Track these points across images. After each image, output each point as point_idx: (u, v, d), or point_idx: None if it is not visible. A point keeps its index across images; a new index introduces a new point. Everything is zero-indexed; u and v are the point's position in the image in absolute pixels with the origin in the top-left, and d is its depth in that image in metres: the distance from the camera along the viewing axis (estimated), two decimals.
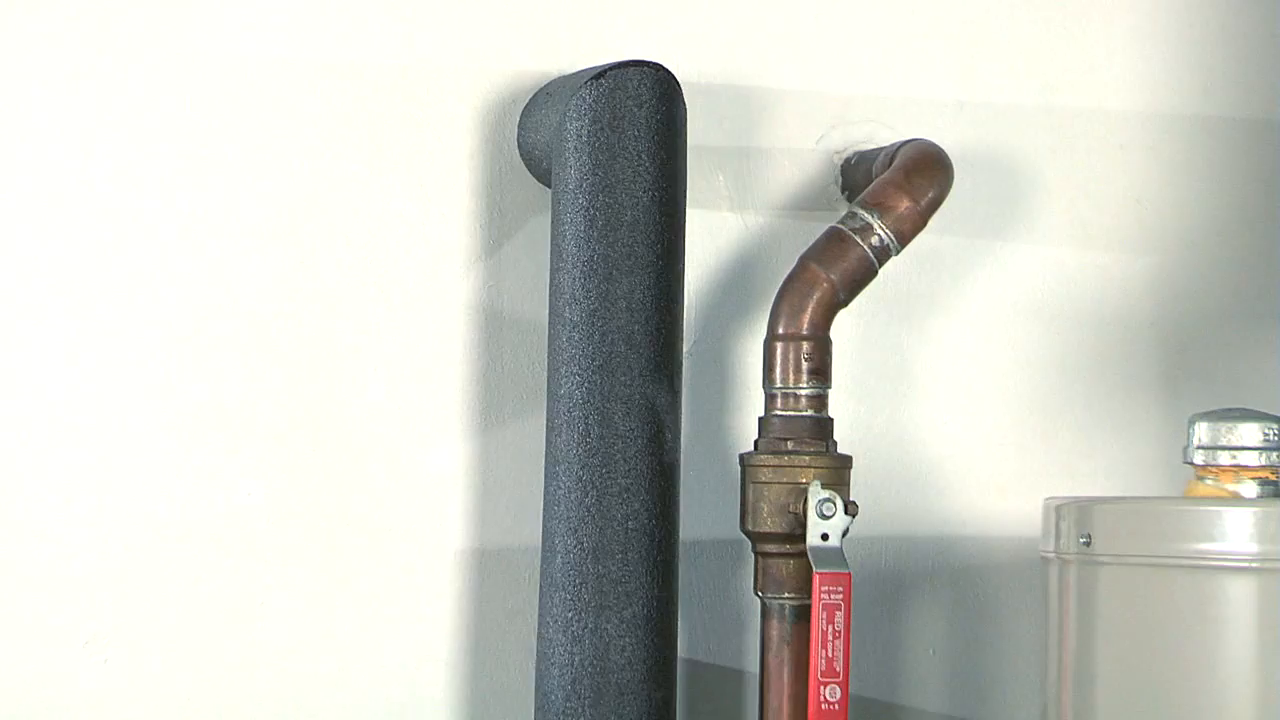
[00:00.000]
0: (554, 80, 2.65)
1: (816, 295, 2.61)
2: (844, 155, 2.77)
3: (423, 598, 2.68)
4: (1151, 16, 2.89)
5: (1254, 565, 2.25)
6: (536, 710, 2.56)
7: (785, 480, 2.59)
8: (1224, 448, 2.34)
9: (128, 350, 2.62)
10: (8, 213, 2.58)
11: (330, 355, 2.66)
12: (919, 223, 2.65)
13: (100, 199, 2.60)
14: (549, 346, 2.58)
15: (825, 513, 2.54)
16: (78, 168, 2.59)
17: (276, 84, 2.64)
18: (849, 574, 2.53)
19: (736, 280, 2.76)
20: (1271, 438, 2.33)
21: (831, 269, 2.61)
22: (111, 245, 2.62)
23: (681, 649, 2.62)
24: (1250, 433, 2.33)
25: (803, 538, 2.56)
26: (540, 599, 2.57)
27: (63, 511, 2.58)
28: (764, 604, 2.62)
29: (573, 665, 2.52)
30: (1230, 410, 2.35)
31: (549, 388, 2.57)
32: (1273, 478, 2.33)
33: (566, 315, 2.55)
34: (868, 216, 2.62)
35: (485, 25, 2.69)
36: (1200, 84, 2.90)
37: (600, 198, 2.54)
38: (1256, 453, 2.33)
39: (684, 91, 2.58)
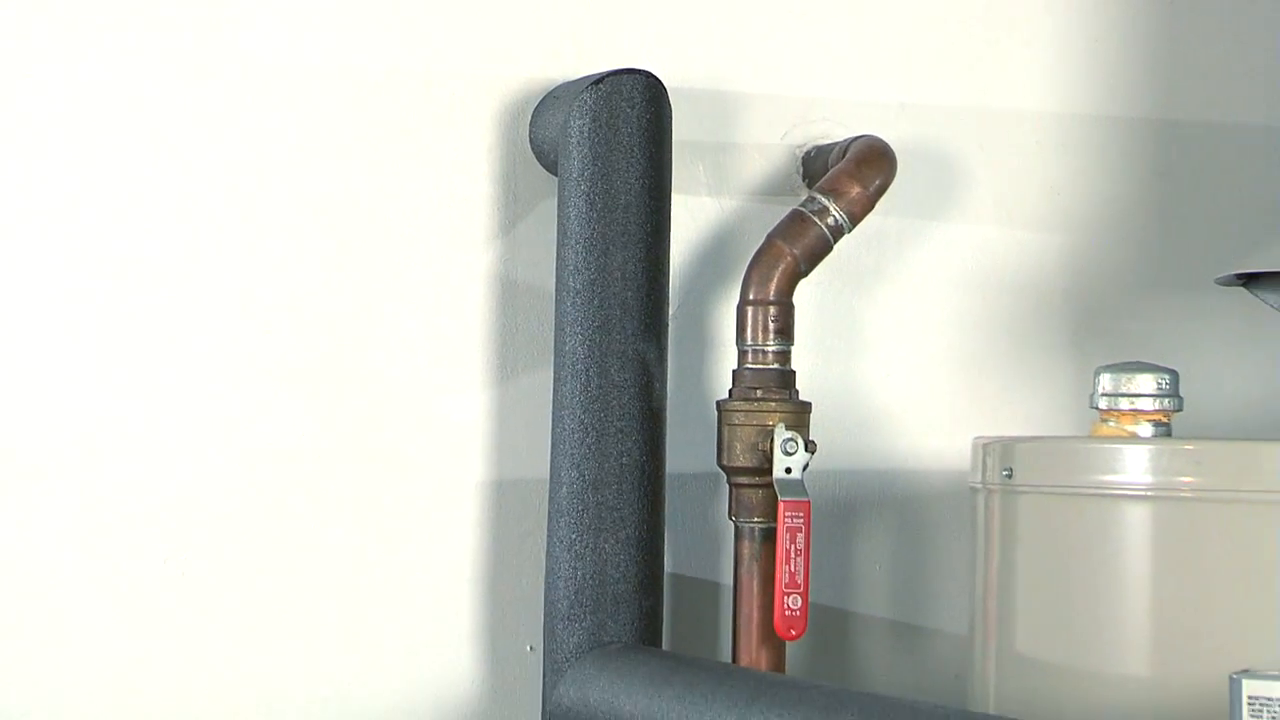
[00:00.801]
0: (559, 85, 2.66)
1: (781, 267, 2.64)
2: (804, 149, 2.78)
3: (448, 523, 2.69)
4: (1064, 29, 2.89)
5: (1149, 494, 2.27)
6: (545, 616, 2.58)
7: (755, 423, 2.62)
8: (1124, 395, 2.35)
9: (205, 312, 2.60)
10: (77, 190, 2.54)
11: (370, 318, 2.66)
12: (868, 206, 2.67)
13: (178, 175, 2.58)
14: (556, 310, 2.59)
15: (789, 450, 2.58)
16: (149, 143, 2.57)
17: (326, 90, 2.63)
18: (808, 501, 2.57)
19: (713, 254, 2.77)
20: (1164, 386, 2.35)
21: (794, 245, 2.64)
22: (181, 213, 2.59)
23: (667, 565, 2.64)
24: (1146, 382, 2.35)
25: (769, 471, 2.60)
26: (549, 523, 2.59)
27: (146, 448, 2.57)
28: (737, 527, 2.65)
29: (576, 578, 2.55)
30: (1129, 363, 2.37)
31: (556, 345, 2.58)
32: (1165, 420, 2.35)
33: (570, 284, 2.57)
34: (824, 200, 2.65)
35: (501, 39, 2.69)
36: (1105, 88, 2.90)
37: (599, 184, 2.56)
38: (1151, 399, 2.35)
39: (669, 95, 2.59)
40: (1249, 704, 2.04)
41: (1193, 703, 2.18)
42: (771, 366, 2.64)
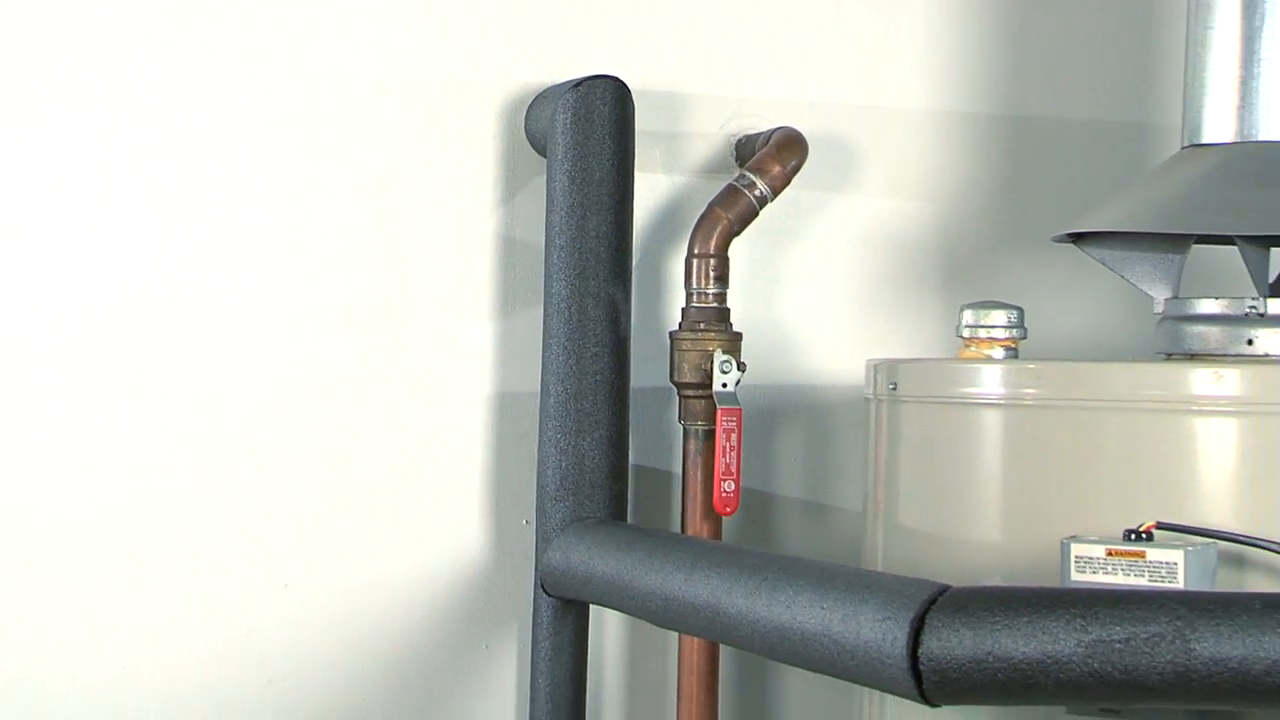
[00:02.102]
0: (548, 88, 2.66)
1: (719, 228, 2.66)
2: (737, 137, 2.78)
3: (463, 425, 2.69)
4: (937, 44, 2.89)
5: (1001, 403, 2.28)
6: (537, 497, 2.60)
7: (699, 349, 2.65)
8: (981, 326, 2.35)
9: (273, 267, 2.59)
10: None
11: (403, 267, 2.65)
12: (786, 181, 2.70)
13: (213, 159, 2.56)
14: (545, 261, 2.60)
15: (724, 370, 2.62)
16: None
17: (371, 91, 2.63)
18: (740, 409, 2.62)
19: (666, 219, 2.77)
20: (1012, 320, 2.36)
21: (729, 211, 2.67)
22: (262, 188, 2.59)
23: (631, 458, 2.65)
24: (999, 317, 2.35)
25: (710, 386, 2.63)
26: (540, 425, 2.60)
27: (237, 381, 2.56)
28: (685, 429, 2.68)
29: (561, 468, 2.57)
30: (986, 302, 2.37)
31: (545, 287, 2.60)
32: (1013, 346, 2.35)
33: (556, 241, 2.58)
34: (753, 177, 2.68)
35: (503, 53, 2.69)
36: (968, 89, 2.90)
37: (578, 165, 2.57)
38: (1003, 330, 2.35)
39: (633, 95, 2.60)
40: (1075, 562, 2.07)
41: (1034, 561, 2.18)
42: (711, 305, 2.67)
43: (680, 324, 2.69)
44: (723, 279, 2.67)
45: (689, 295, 2.68)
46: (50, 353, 2.51)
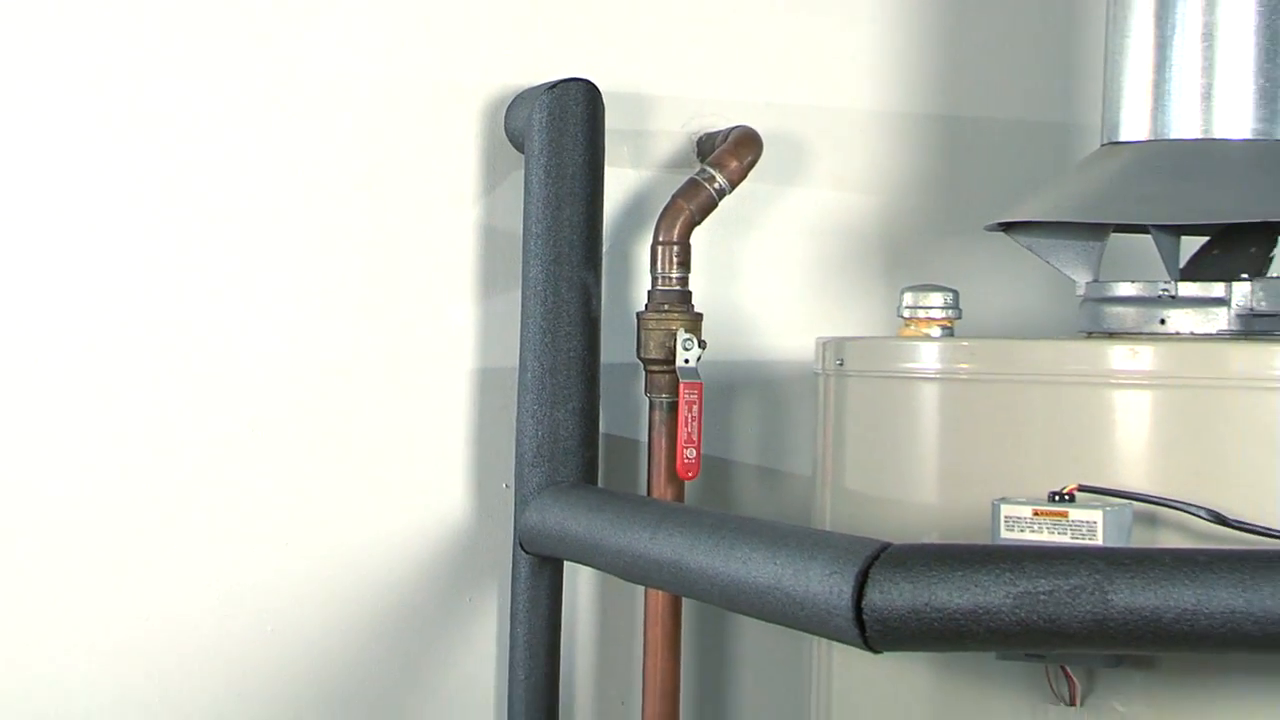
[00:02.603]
0: (526, 89, 2.65)
1: (682, 218, 2.66)
2: (698, 135, 2.77)
3: (449, 398, 2.68)
4: (879, 49, 2.87)
5: (937, 377, 2.28)
6: (516, 463, 2.60)
7: (664, 328, 2.65)
8: (920, 307, 2.35)
9: (281, 250, 2.59)
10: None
11: (395, 252, 2.65)
12: (743, 175, 2.70)
13: (221, 150, 2.56)
14: (523, 247, 2.59)
15: (687, 347, 2.63)
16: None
17: (366, 93, 2.63)
18: (700, 384, 2.63)
19: (634, 209, 2.76)
20: (949, 302, 2.35)
21: (691, 202, 2.67)
22: (231, 169, 2.58)
23: (602, 427, 2.65)
24: (936, 299, 2.35)
25: (674, 362, 2.64)
26: (518, 398, 2.60)
27: (241, 356, 2.56)
28: (650, 401, 2.69)
29: (538, 436, 2.57)
30: (924, 285, 2.37)
31: (523, 272, 2.59)
32: (949, 325, 2.35)
33: (533, 229, 2.58)
34: (712, 171, 2.67)
35: (486, 59, 2.67)
36: (907, 91, 2.89)
37: (553, 159, 2.56)
38: (940, 310, 2.34)
39: (603, 96, 2.59)
40: (1004, 521, 2.07)
41: (967, 521, 2.18)
42: (675, 288, 2.67)
43: (646, 305, 2.69)
44: (685, 264, 2.67)
45: (654, 279, 2.68)
46: (70, 331, 2.51)
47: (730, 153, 2.70)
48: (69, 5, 2.47)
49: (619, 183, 2.72)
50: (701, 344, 2.64)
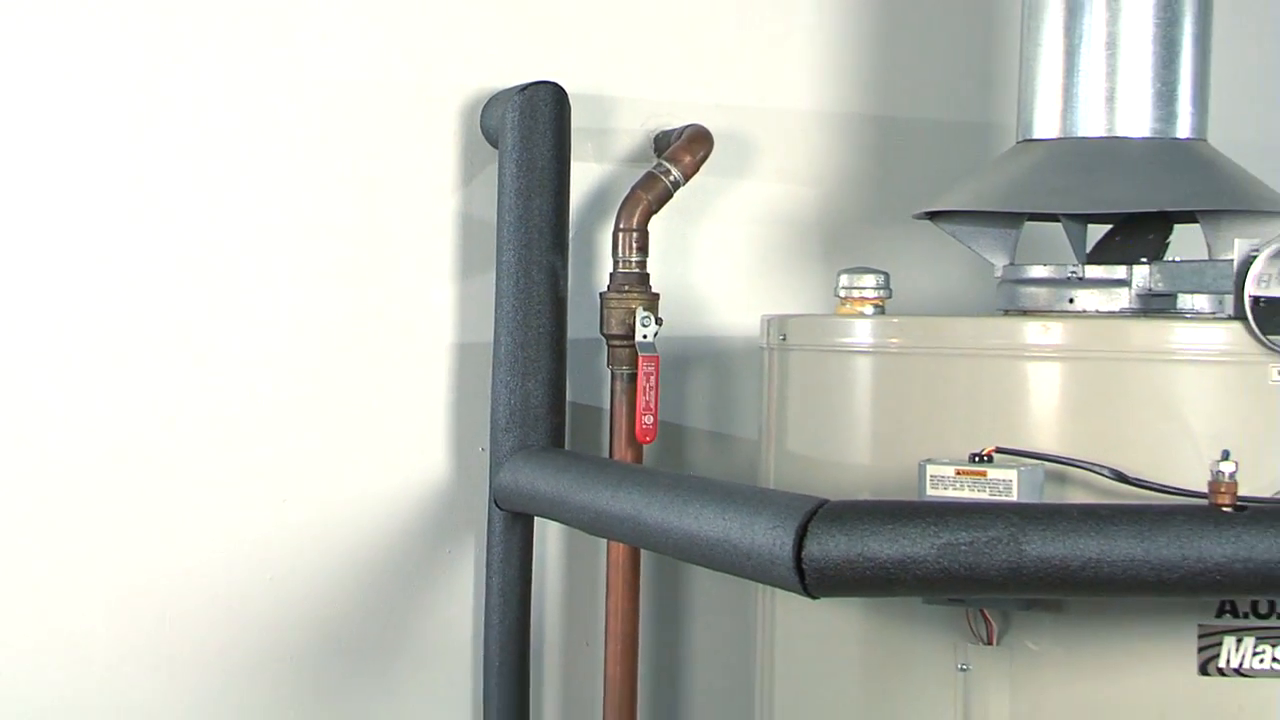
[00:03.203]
0: (500, 91, 2.64)
1: (640, 207, 2.66)
2: (655, 132, 2.76)
3: (430, 369, 2.67)
4: (820, 56, 2.85)
5: (870, 350, 2.29)
6: (491, 428, 2.60)
7: (624, 306, 2.64)
8: (855, 288, 2.35)
9: (278, 237, 2.58)
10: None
11: (381, 238, 2.63)
12: (695, 169, 2.69)
13: (223, 145, 2.55)
14: (497, 233, 2.59)
15: (645, 324, 2.62)
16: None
17: (343, 96, 2.61)
18: (657, 356, 2.63)
19: (598, 199, 2.75)
20: (880, 283, 2.35)
21: (649, 193, 2.66)
22: (235, 166, 2.57)
23: (569, 396, 2.64)
24: (869, 280, 2.35)
25: (633, 337, 2.63)
26: (492, 370, 2.59)
27: (234, 336, 2.55)
28: (612, 373, 2.68)
29: (510, 404, 2.56)
30: (859, 267, 2.37)
31: (497, 256, 2.59)
32: (881, 304, 2.35)
33: (506, 217, 2.57)
34: (668, 165, 2.67)
35: (465, 63, 2.67)
36: (844, 92, 2.87)
37: (524, 155, 2.55)
38: (872, 290, 2.35)
39: (570, 97, 2.58)
40: (930, 480, 2.09)
41: (897, 480, 2.18)
42: (634, 271, 2.67)
43: (608, 286, 2.68)
44: (644, 249, 2.67)
45: (615, 262, 2.67)
46: (93, 309, 2.51)
47: (684, 149, 2.69)
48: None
49: (584, 175, 2.71)
50: (658, 321, 2.64)
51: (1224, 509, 1.98)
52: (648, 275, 2.67)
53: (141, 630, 2.55)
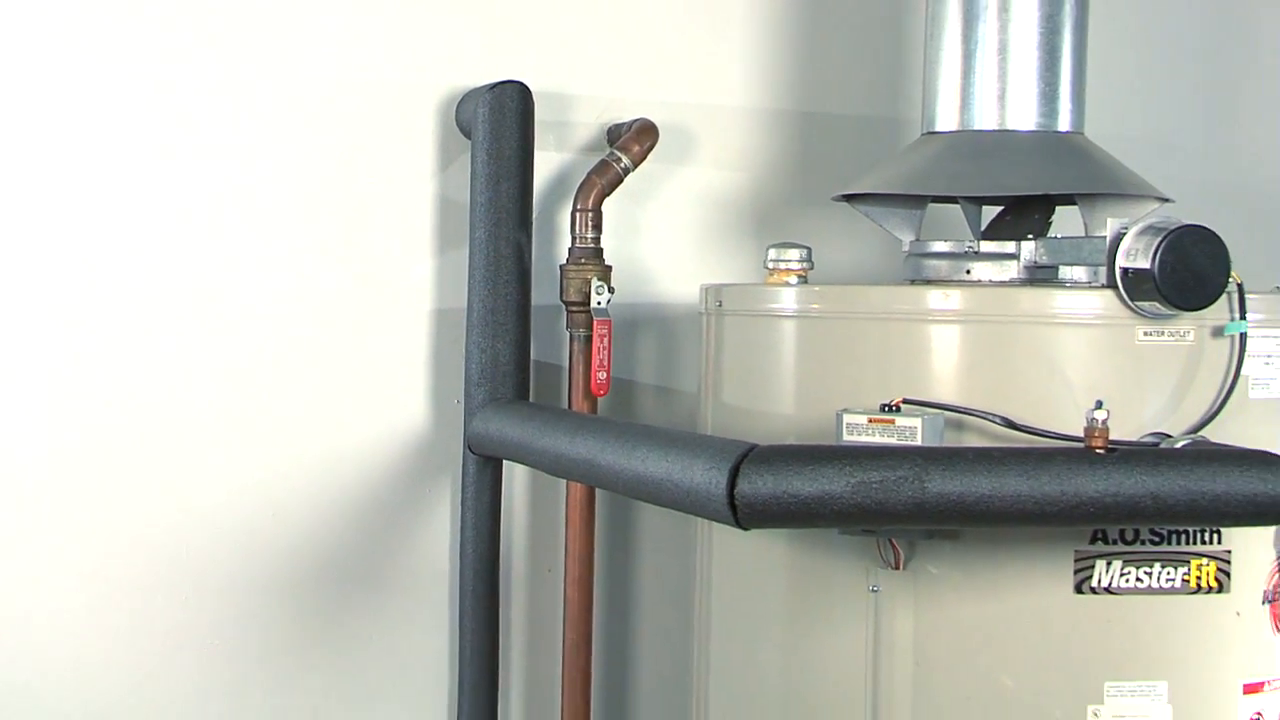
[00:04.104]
0: (472, 89, 2.62)
1: (595, 190, 2.65)
2: (608, 125, 2.74)
3: (412, 335, 2.65)
4: (752, 58, 2.84)
5: (795, 315, 2.29)
6: (465, 383, 2.58)
7: (581, 277, 2.63)
8: (781, 260, 2.33)
9: (270, 215, 2.57)
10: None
11: (365, 219, 2.61)
12: (643, 157, 2.68)
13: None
14: (470, 213, 2.57)
15: (599, 292, 2.61)
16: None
17: (332, 94, 2.59)
18: (610, 320, 2.62)
19: (558, 184, 2.73)
20: (804, 257, 2.33)
21: (602, 178, 2.65)
22: (238, 154, 2.55)
23: (533, 355, 2.63)
24: (794, 254, 2.33)
25: (589, 304, 2.62)
26: (466, 332, 2.58)
27: (235, 307, 2.54)
28: (570, 335, 2.66)
29: (482, 362, 2.55)
30: (785, 243, 2.35)
31: (470, 233, 2.57)
32: (804, 275, 2.33)
33: (478, 199, 2.55)
34: (619, 154, 2.66)
35: (439, 63, 2.65)
36: (773, 90, 2.85)
37: (493, 145, 2.54)
38: (796, 263, 2.32)
39: (533, 94, 2.57)
40: (846, 427, 2.09)
41: (817, 427, 2.17)
42: (590, 246, 2.65)
43: (567, 259, 2.66)
44: (598, 227, 2.66)
45: (573, 239, 2.65)
46: (117, 282, 2.50)
47: (633, 139, 2.68)
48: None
49: (545, 163, 2.69)
50: (610, 290, 2.63)
51: (1097, 451, 2.00)
52: (601, 250, 2.65)
53: (166, 561, 2.54)
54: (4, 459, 2.44)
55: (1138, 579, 2.12)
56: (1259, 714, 2.17)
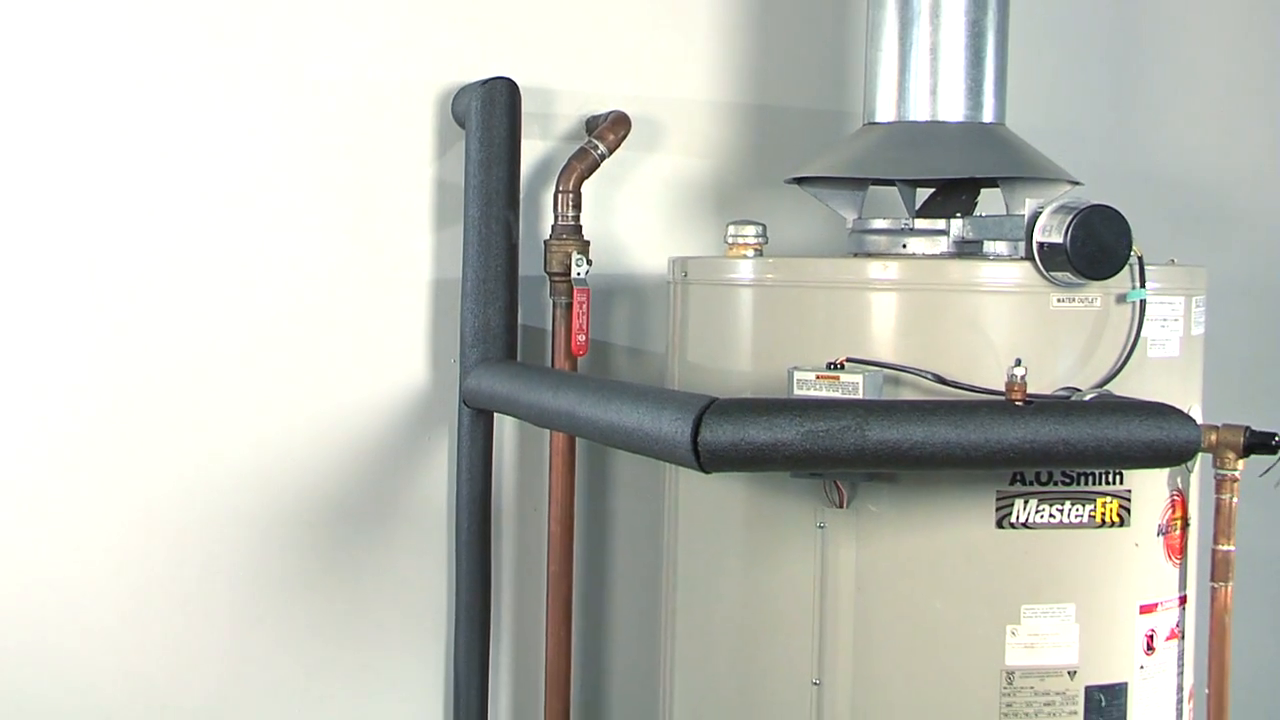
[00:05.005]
0: (466, 84, 2.61)
1: (575, 174, 2.63)
2: (586, 117, 2.73)
3: (413, 299, 2.63)
4: (713, 57, 2.82)
5: (752, 284, 2.27)
6: (460, 344, 2.57)
7: (563, 250, 2.62)
8: (740, 235, 2.32)
9: (285, 200, 2.56)
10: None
11: (371, 200, 2.60)
12: (617, 145, 2.66)
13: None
14: (464, 194, 2.56)
15: (579, 264, 2.60)
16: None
17: (341, 90, 2.58)
18: (588, 289, 2.61)
19: (542, 168, 2.71)
20: (760, 233, 2.32)
21: (581, 163, 2.64)
22: (256, 141, 2.54)
23: (520, 320, 2.62)
24: (750, 230, 2.32)
25: (570, 275, 2.60)
26: (461, 300, 2.57)
27: (241, 275, 2.52)
28: (553, 302, 2.65)
29: (475, 326, 2.55)
30: (743, 220, 2.34)
31: (465, 212, 2.56)
32: (759, 249, 2.32)
33: (471, 182, 2.55)
34: (597, 142, 2.65)
35: (437, 61, 2.63)
36: (733, 84, 2.83)
37: (486, 134, 2.53)
38: (753, 238, 2.32)
39: (520, 89, 2.56)
40: (796, 383, 2.10)
41: (772, 383, 2.17)
42: (570, 223, 2.64)
43: (550, 235, 2.63)
44: (578, 206, 2.64)
45: (556, 216, 2.64)
46: (143, 254, 2.49)
47: (609, 129, 2.67)
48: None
49: (531, 150, 2.67)
50: (589, 262, 2.62)
51: (1016, 403, 2.02)
52: (581, 227, 2.63)
53: (201, 502, 2.54)
54: (64, 419, 2.44)
55: (1050, 515, 2.13)
56: (1152, 630, 2.19)
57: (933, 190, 2.48)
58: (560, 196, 2.65)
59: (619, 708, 2.83)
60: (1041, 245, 2.10)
